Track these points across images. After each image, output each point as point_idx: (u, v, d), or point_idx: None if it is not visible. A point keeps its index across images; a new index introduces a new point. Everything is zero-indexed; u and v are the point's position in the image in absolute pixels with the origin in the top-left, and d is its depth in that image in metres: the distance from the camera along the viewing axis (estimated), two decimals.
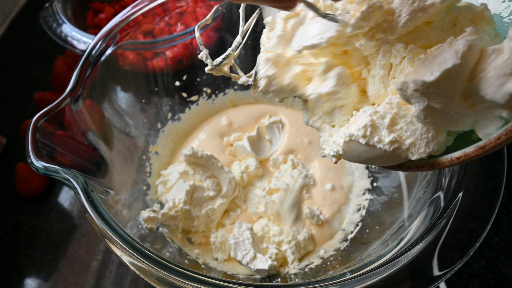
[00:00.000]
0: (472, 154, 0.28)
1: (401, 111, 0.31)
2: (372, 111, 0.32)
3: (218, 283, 0.38)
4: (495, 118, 0.27)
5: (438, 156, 0.31)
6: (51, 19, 0.80)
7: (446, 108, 0.27)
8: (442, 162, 0.31)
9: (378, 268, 0.39)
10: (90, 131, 0.54)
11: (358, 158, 0.34)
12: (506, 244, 0.64)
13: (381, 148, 0.31)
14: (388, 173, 0.64)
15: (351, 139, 0.33)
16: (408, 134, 0.31)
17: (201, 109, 0.77)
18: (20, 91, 0.91)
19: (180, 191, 0.61)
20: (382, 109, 0.32)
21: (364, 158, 0.33)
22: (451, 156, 0.30)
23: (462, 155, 0.29)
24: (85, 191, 0.43)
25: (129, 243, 0.40)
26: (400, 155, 0.32)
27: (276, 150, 0.73)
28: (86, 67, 0.55)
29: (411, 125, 0.31)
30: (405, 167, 0.33)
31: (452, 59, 0.25)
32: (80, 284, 0.64)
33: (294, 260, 0.58)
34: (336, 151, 0.35)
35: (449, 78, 0.26)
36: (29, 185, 0.72)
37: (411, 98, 0.28)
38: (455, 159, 0.30)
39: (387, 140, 0.31)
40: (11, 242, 0.69)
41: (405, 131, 0.31)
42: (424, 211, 0.46)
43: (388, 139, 0.31)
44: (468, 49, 0.25)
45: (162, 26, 0.73)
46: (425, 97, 0.27)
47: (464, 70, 0.26)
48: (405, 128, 0.31)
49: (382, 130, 0.31)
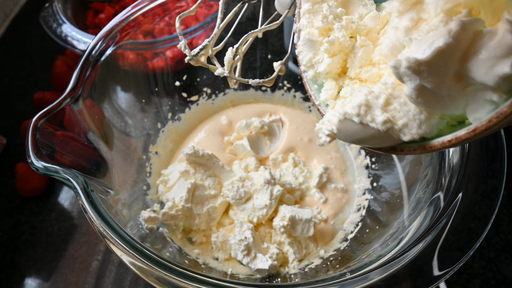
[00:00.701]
0: (463, 137, 0.28)
1: (395, 91, 0.32)
2: (367, 90, 0.32)
3: (218, 283, 0.38)
4: (485, 102, 0.26)
5: (430, 139, 0.31)
6: (51, 19, 0.80)
7: (437, 88, 0.27)
8: (434, 145, 0.31)
9: (378, 268, 0.39)
10: (90, 131, 0.54)
11: (351, 137, 0.34)
12: (506, 244, 0.64)
13: (374, 127, 0.32)
14: (388, 173, 0.64)
15: (345, 117, 0.33)
16: (401, 114, 0.31)
17: (201, 109, 0.77)
18: (20, 91, 0.91)
19: (181, 189, 0.61)
20: (377, 89, 0.32)
21: (357, 137, 0.34)
22: (443, 139, 0.30)
23: (453, 138, 0.29)
24: (85, 191, 0.43)
25: (129, 243, 0.40)
26: (392, 135, 0.32)
27: (276, 149, 0.74)
28: (86, 67, 0.55)
29: (404, 106, 0.31)
30: (398, 150, 0.34)
31: (444, 37, 0.25)
32: (80, 284, 0.64)
33: (294, 260, 0.58)
34: (330, 129, 0.35)
35: (441, 57, 0.26)
36: (29, 185, 0.72)
37: (404, 76, 0.28)
38: (447, 142, 0.30)
39: (380, 120, 0.31)
40: (11, 242, 0.69)
41: (398, 111, 0.31)
42: (424, 211, 0.46)
43: (381, 118, 0.31)
44: (461, 29, 0.25)
45: (162, 26, 0.73)
46: (417, 75, 0.27)
47: (456, 50, 0.26)
48: (398, 108, 0.31)
49: (376, 109, 0.31)
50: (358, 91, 0.33)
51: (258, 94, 0.80)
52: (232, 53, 0.42)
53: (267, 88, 0.80)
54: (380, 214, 0.61)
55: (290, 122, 0.76)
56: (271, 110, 0.79)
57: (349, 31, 0.37)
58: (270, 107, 0.79)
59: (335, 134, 0.35)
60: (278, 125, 0.76)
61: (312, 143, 0.73)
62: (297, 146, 0.73)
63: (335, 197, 0.67)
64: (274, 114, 0.78)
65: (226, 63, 0.42)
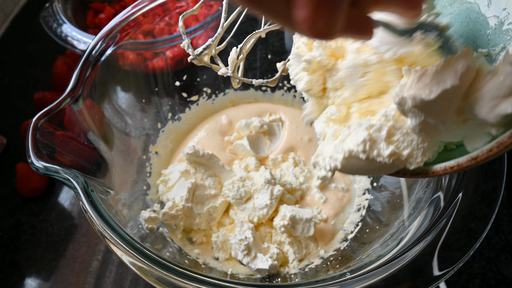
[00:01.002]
0: (464, 164, 0.30)
1: (397, 123, 0.32)
2: (368, 124, 0.33)
3: (218, 283, 0.38)
4: (483, 134, 0.28)
5: (432, 164, 0.32)
6: (51, 19, 0.80)
7: (440, 123, 0.28)
8: (436, 171, 0.32)
9: (378, 268, 0.39)
10: (90, 131, 0.54)
11: (357, 171, 0.35)
12: (506, 244, 0.64)
13: (381, 161, 0.32)
14: None
15: (350, 155, 0.33)
16: (405, 144, 0.32)
17: (201, 109, 0.77)
18: (20, 91, 0.91)
19: (181, 189, 0.61)
20: (377, 122, 0.33)
21: (364, 170, 0.34)
22: (445, 165, 0.31)
23: (455, 165, 0.30)
24: (85, 191, 0.43)
25: (130, 243, 0.40)
26: (398, 165, 0.32)
27: (276, 148, 0.74)
28: (86, 67, 0.55)
29: (407, 136, 0.32)
30: (401, 173, 0.34)
31: (451, 80, 0.26)
32: (80, 284, 0.64)
33: (294, 259, 0.59)
34: (334, 166, 0.35)
35: (446, 97, 0.27)
36: (29, 185, 0.72)
37: (408, 112, 0.29)
38: (449, 168, 0.31)
39: (386, 153, 0.32)
40: (11, 242, 0.69)
41: (402, 142, 0.32)
42: (424, 211, 0.46)
43: (387, 152, 0.32)
44: (466, 70, 0.26)
45: (162, 26, 0.73)
46: (422, 112, 0.28)
47: (461, 89, 0.27)
48: (401, 139, 0.32)
49: (380, 143, 0.32)
50: (358, 125, 0.34)
51: (258, 94, 0.80)
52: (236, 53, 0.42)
53: (267, 88, 0.80)
54: (380, 214, 0.61)
55: (290, 121, 0.76)
56: (271, 109, 0.79)
57: (328, 50, 0.38)
58: (270, 107, 0.79)
59: (339, 169, 0.35)
60: (278, 125, 0.76)
61: (312, 142, 0.73)
62: (297, 145, 0.73)
63: (335, 196, 0.67)
64: (274, 113, 0.78)
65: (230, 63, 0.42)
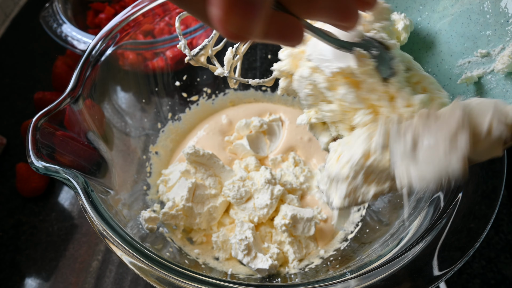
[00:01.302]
0: None
1: (368, 168, 0.35)
2: (343, 177, 0.36)
3: (218, 283, 0.38)
4: None
5: None
6: (51, 19, 0.80)
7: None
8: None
9: (378, 268, 0.39)
10: (90, 131, 0.54)
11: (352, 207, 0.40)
12: (506, 244, 0.64)
13: (367, 200, 0.36)
14: None
15: (342, 207, 0.37)
16: (384, 179, 0.35)
17: (201, 109, 0.77)
18: (20, 91, 0.91)
19: (182, 189, 0.61)
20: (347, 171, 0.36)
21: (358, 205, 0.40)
22: None
23: None
24: (85, 191, 0.43)
25: (129, 243, 0.40)
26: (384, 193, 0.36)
27: (276, 148, 0.73)
28: (86, 67, 0.55)
29: (382, 173, 0.35)
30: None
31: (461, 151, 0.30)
32: (80, 284, 0.64)
33: (294, 259, 0.59)
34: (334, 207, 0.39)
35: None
36: (29, 185, 0.72)
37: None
38: None
39: (369, 197, 0.35)
40: (11, 242, 0.69)
41: (379, 179, 0.35)
42: (424, 211, 0.46)
43: (370, 195, 0.35)
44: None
45: (162, 26, 0.73)
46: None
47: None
48: (378, 177, 0.35)
49: (361, 187, 0.36)
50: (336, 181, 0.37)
51: (258, 94, 0.80)
52: (232, 53, 0.42)
53: (267, 88, 0.80)
54: (381, 214, 0.61)
55: (290, 121, 0.76)
56: (271, 109, 0.78)
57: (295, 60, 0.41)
58: (270, 107, 0.79)
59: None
60: (278, 124, 0.76)
61: (312, 142, 0.73)
62: (297, 145, 0.73)
63: None
64: (274, 113, 0.78)
65: (226, 63, 0.42)
